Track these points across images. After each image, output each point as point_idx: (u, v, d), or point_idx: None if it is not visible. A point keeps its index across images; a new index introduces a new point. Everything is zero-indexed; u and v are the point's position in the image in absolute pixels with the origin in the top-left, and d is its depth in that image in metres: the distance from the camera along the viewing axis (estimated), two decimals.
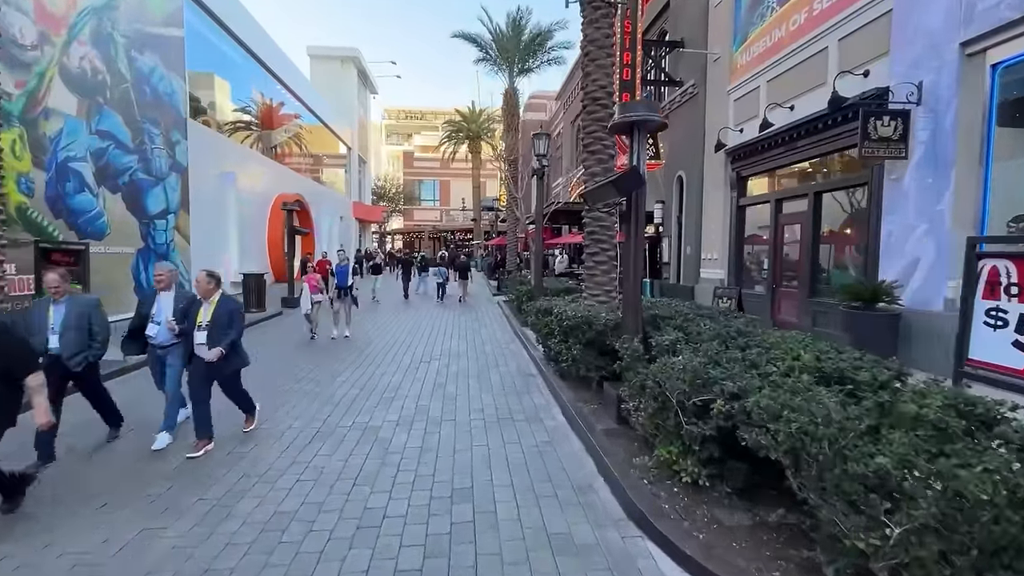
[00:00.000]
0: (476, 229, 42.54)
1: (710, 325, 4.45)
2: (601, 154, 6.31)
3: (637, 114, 4.63)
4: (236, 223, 16.53)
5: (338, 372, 7.14)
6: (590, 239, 6.46)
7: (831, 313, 8.42)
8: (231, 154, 16.48)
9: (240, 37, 17.20)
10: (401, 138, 65.35)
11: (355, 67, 35.13)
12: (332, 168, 32.44)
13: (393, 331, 10.65)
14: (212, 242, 14.65)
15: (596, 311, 5.60)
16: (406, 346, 9.09)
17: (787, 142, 9.55)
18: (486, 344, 9.30)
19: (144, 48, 11.47)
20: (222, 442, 4.63)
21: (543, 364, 7.18)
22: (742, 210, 11.61)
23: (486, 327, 11.25)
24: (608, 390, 5.09)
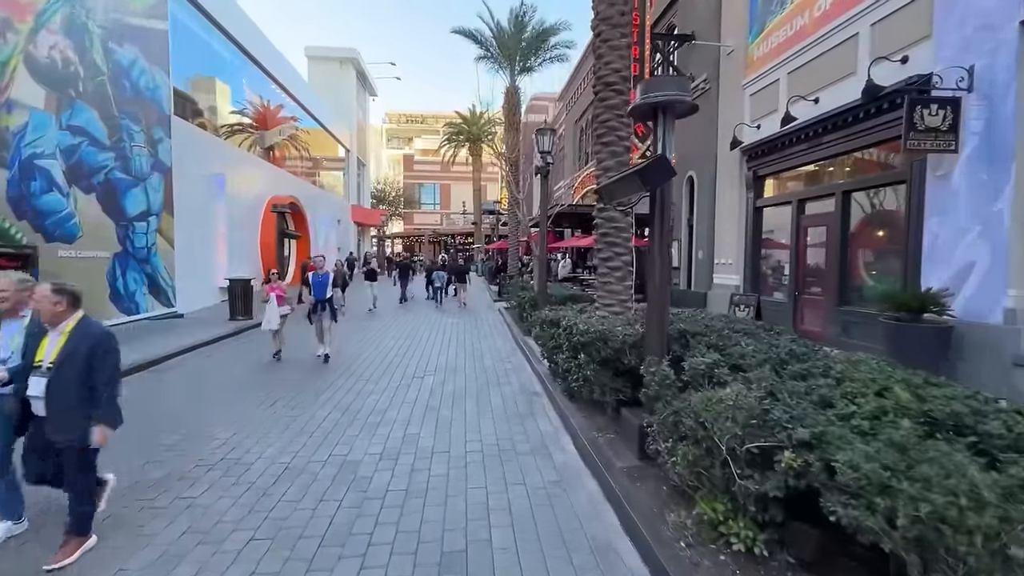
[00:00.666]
0: (477, 233, 41.86)
1: (753, 345, 3.70)
2: (615, 146, 5.60)
3: (663, 94, 3.91)
4: (226, 226, 15.83)
5: (320, 391, 6.40)
6: (603, 242, 5.73)
7: (865, 324, 7.68)
8: (220, 154, 15.81)
9: (230, 32, 16.55)
10: (402, 142, 65.02)
11: (354, 68, 34.58)
12: (330, 171, 31.80)
13: (386, 342, 9.92)
14: (198, 246, 13.95)
15: (611, 324, 4.86)
16: (399, 359, 8.35)
17: (811, 138, 8.83)
18: (486, 357, 8.56)
19: (123, 40, 10.80)
20: (171, 480, 3.90)
21: (549, 381, 6.44)
22: (759, 212, 10.88)
23: (486, 337, 10.51)
24: (627, 418, 4.34)
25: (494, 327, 11.92)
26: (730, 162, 11.58)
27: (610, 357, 4.65)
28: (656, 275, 4.17)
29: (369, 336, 10.53)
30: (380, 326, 11.94)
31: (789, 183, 10.13)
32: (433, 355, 8.66)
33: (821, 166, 9.12)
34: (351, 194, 34.92)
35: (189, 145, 13.63)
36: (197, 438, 4.79)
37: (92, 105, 9.80)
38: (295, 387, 6.58)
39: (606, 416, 4.94)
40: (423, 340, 10.09)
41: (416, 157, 58.32)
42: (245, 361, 8.22)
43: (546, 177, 9.33)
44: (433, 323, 12.51)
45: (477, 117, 42.21)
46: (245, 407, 5.73)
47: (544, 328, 6.49)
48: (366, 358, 8.35)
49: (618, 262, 5.64)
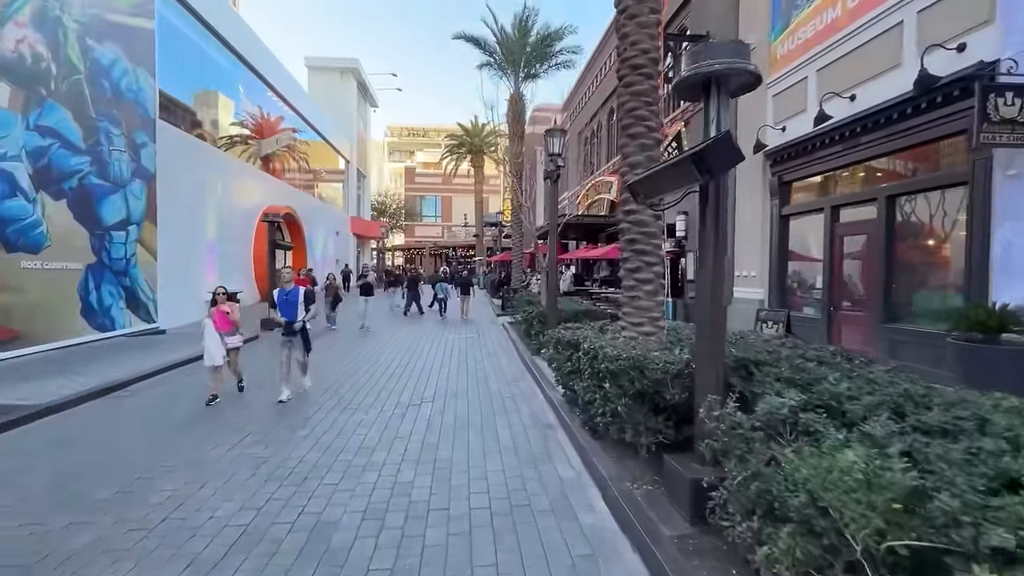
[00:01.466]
0: (478, 245, 41.16)
1: (845, 382, 2.83)
2: (644, 138, 4.79)
3: (719, 62, 3.12)
4: (216, 237, 15.06)
5: (298, 425, 5.52)
6: (629, 250, 4.90)
7: (919, 344, 6.81)
8: (212, 162, 15.10)
9: (223, 35, 15.96)
10: (404, 155, 64.95)
11: (355, 79, 34.18)
12: (329, 182, 31.19)
13: (381, 361, 9.05)
14: (184, 257, 13.15)
15: (645, 349, 4.01)
16: (393, 382, 7.48)
17: (847, 138, 8.06)
18: (490, 379, 7.68)
19: (104, 38, 10.13)
20: (94, 552, 3.02)
21: (565, 411, 5.56)
22: (785, 220, 10.07)
23: (491, 356, 9.64)
24: (673, 468, 3.46)
25: (499, 344, 11.05)
26: (751, 168, 10.81)
27: (647, 390, 3.79)
28: (709, 289, 3.35)
29: (362, 355, 9.66)
30: (375, 343, 11.07)
31: (821, 188, 9.33)
32: (432, 376, 7.79)
33: (860, 169, 8.32)
34: (350, 206, 34.28)
35: (177, 151, 12.92)
36: (140, 490, 3.92)
37: (65, 105, 9.07)
38: (271, 419, 5.71)
39: (639, 459, 4.06)
40: (421, 359, 9.22)
41: (418, 169, 58.01)
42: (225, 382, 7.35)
43: (555, 182, 8.56)
44: (433, 339, 11.64)
45: (479, 129, 41.84)
46: (208, 445, 4.85)
47: (559, 350, 5.63)
48: (356, 381, 7.48)
49: (648, 273, 4.80)
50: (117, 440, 5.05)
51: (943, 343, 6.25)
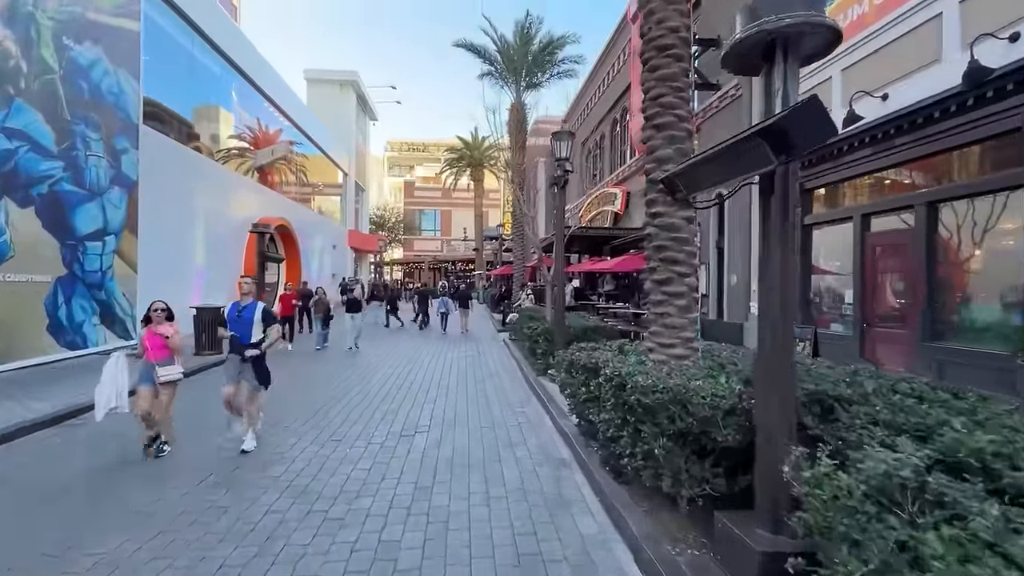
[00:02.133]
0: (478, 259, 40.57)
1: (981, 432, 2.11)
2: (674, 129, 4.14)
3: (791, 16, 2.46)
4: (204, 250, 14.38)
5: (274, 460, 4.77)
6: (657, 259, 4.21)
7: (973, 365, 6.10)
8: (200, 170, 14.48)
9: (216, 42, 15.48)
10: (404, 170, 65.00)
11: (354, 92, 33.89)
12: (327, 195, 30.67)
13: (374, 381, 8.32)
14: (169, 271, 12.44)
15: (685, 378, 3.29)
16: (387, 404, 6.74)
17: (879, 140, 7.43)
18: (493, 404, 6.93)
19: (83, 37, 9.56)
20: None
21: (579, 444, 4.82)
22: (807, 230, 9.43)
23: (492, 376, 8.90)
24: (731, 533, 2.72)
25: (500, 363, 10.30)
26: None
27: (690, 429, 3.07)
28: (777, 301, 2.65)
29: (353, 375, 8.91)
30: (368, 363, 10.32)
31: (848, 195, 8.70)
32: (428, 400, 7.05)
33: (894, 173, 7.69)
34: (348, 219, 33.71)
35: (162, 159, 12.31)
36: (68, 552, 3.16)
37: (36, 106, 8.46)
38: (238, 456, 4.94)
39: (679, 514, 3.31)
40: (418, 379, 8.48)
41: (417, 183, 57.76)
42: (191, 412, 6.59)
43: (562, 188, 7.92)
44: (431, 357, 10.89)
45: (479, 142, 41.56)
46: (159, 489, 4.09)
47: (573, 373, 4.91)
48: (344, 406, 6.73)
49: (679, 286, 4.11)
50: (53, 481, 4.29)
51: (1006, 365, 5.56)
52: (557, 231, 7.93)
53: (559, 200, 7.94)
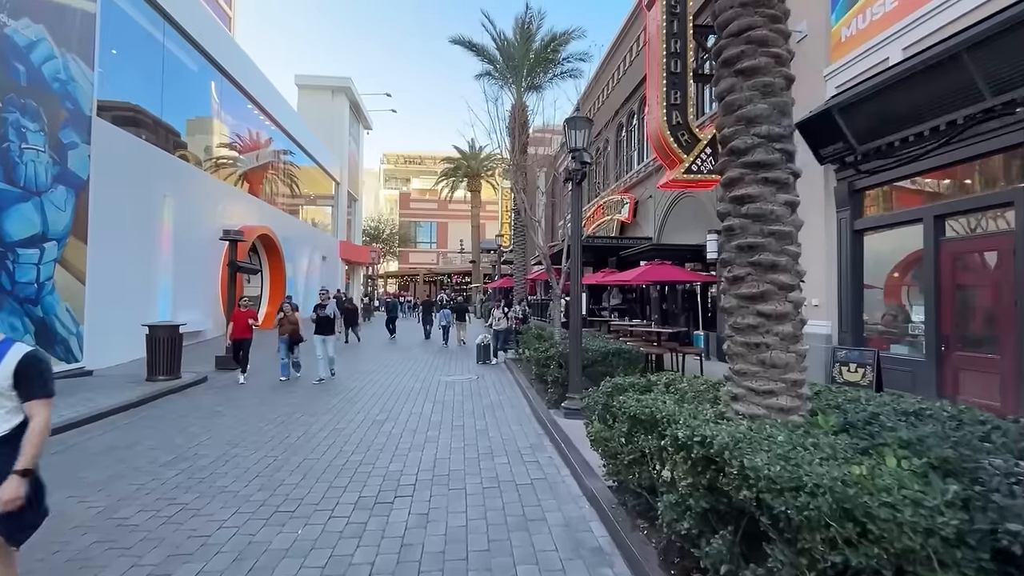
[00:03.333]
0: (475, 272, 39.27)
1: None
2: (769, 74, 2.82)
3: None
4: (175, 261, 12.98)
5: (188, 552, 3.34)
6: (745, 264, 2.85)
7: None
8: (169, 171, 13.14)
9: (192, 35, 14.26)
10: (400, 182, 64.25)
11: (347, 99, 32.83)
12: (317, 204, 29.39)
13: (348, 419, 6.92)
14: (126, 283, 11.03)
15: (840, 464, 1.92)
16: (360, 454, 5.34)
17: (958, 125, 6.19)
18: (496, 451, 5.53)
19: (22, 14, 8.28)
20: None
21: (619, 519, 3.46)
22: (859, 236, 8.15)
23: (493, 409, 7.50)
24: None
25: (502, 391, 8.89)
26: (808, 176, 8.95)
27: (870, 569, 1.69)
28: None
29: (322, 408, 7.50)
30: (345, 391, 8.91)
31: (915, 194, 7.43)
32: (414, 446, 5.64)
33: (977, 166, 6.43)
34: (340, 230, 32.39)
35: (122, 157, 10.98)
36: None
37: None
38: (131, 532, 3.51)
39: None
40: (403, 414, 7.08)
41: (413, 195, 56.71)
42: (128, 454, 5.16)
43: (579, 184, 6.63)
44: (422, 382, 9.48)
45: (476, 153, 40.52)
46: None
47: (611, 423, 3.55)
48: (307, 455, 5.32)
49: (781, 303, 2.76)
50: None
51: None
52: (574, 236, 6.60)
53: (576, 200, 6.64)
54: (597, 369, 7.00)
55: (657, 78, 10.44)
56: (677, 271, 9.17)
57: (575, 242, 6.63)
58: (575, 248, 6.56)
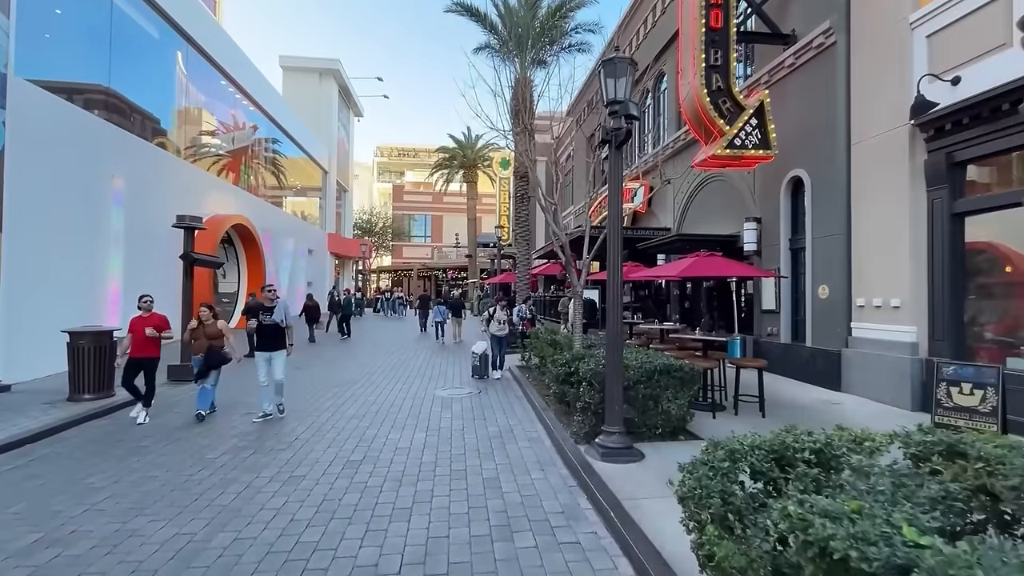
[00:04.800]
0: (471, 266, 37.52)
1: None
2: None
3: None
4: (123, 252, 11.21)
5: None
6: None
7: None
8: (118, 148, 11.33)
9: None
10: (394, 176, 62.61)
11: (336, 83, 30.90)
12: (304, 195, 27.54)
13: (308, 463, 5.27)
14: (59, 280, 9.28)
15: None
16: (320, 525, 3.71)
17: None
18: (515, 520, 3.89)
19: None
20: None
21: None
22: (958, 220, 6.54)
23: (502, 440, 5.86)
24: None
25: (512, 412, 7.24)
26: (882, 149, 7.35)
27: None
28: None
29: (285, 443, 5.84)
30: (314, 415, 7.25)
31: None
32: (399, 509, 4.00)
33: None
34: (328, 222, 30.56)
35: (51, 126, 9.19)
36: None
37: None
38: None
39: None
40: (386, 454, 5.42)
41: (407, 187, 54.86)
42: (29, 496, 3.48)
43: (619, 148, 4.98)
44: (411, 400, 7.83)
45: (472, 142, 38.68)
46: None
47: (741, 525, 1.89)
48: (244, 528, 3.67)
49: None
50: None
51: None
52: (612, 218, 4.94)
53: (615, 166, 4.98)
54: (640, 392, 5.36)
55: (694, 34, 8.77)
56: (733, 264, 7.57)
57: (614, 225, 4.96)
58: (614, 233, 4.89)
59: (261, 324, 6.54)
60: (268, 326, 6.55)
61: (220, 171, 17.44)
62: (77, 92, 10.41)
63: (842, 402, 7.31)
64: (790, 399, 7.43)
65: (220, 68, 16.86)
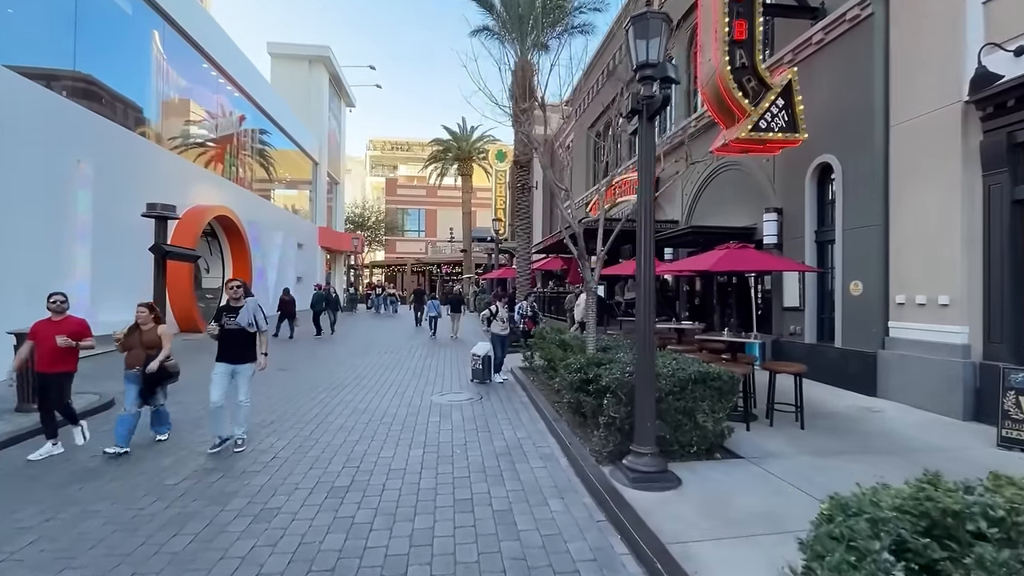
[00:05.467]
0: (466, 261, 36.69)
1: None
2: None
3: None
4: (90, 245, 10.34)
5: None
6: None
7: None
8: (85, 130, 10.44)
9: None
10: (387, 170, 61.65)
11: (326, 71, 29.87)
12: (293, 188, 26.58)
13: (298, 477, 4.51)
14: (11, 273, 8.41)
15: None
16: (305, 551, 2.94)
17: None
18: (529, 549, 3.22)
19: None
20: None
21: None
22: (1020, 208, 5.85)
23: (514, 463, 5.12)
24: None
25: (520, 423, 6.50)
26: (928, 131, 6.64)
27: None
28: None
29: (260, 462, 5.08)
30: (302, 424, 6.48)
31: None
32: (394, 556, 3.26)
33: None
34: (320, 215, 29.61)
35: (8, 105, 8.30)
36: None
37: None
38: None
39: None
40: (379, 474, 4.68)
41: (400, 181, 53.87)
42: None
43: (651, 119, 4.23)
44: (407, 406, 7.08)
45: (467, 134, 37.76)
46: None
47: None
48: None
49: None
50: None
51: None
52: (643, 201, 4.18)
53: (646, 140, 4.22)
54: (672, 404, 4.63)
55: (716, 8, 8.01)
56: (770, 258, 6.89)
57: (645, 210, 4.22)
58: (645, 219, 4.15)
59: (224, 329, 5.17)
60: (232, 332, 5.16)
61: (203, 160, 16.51)
62: (40, 78, 9.49)
63: (882, 410, 6.63)
64: (824, 406, 6.75)
65: (202, 50, 15.90)
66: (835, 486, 2.13)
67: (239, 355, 5.23)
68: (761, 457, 4.78)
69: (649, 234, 4.30)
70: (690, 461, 4.66)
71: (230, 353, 5.21)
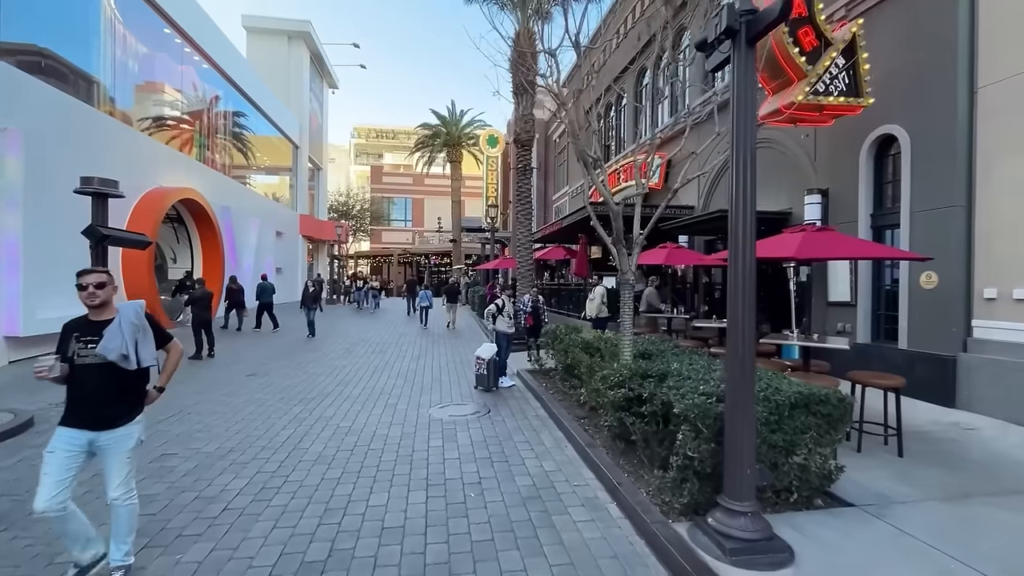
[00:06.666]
0: (455, 252, 35.26)
1: None
2: None
3: None
4: (21, 229, 8.79)
5: None
6: None
7: None
8: (14, 94, 8.83)
9: None
10: (372, 158, 59.76)
11: (307, 48, 28.01)
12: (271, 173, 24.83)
13: (257, 540, 3.24)
14: None
15: None
16: None
17: None
18: None
19: None
20: None
21: None
22: None
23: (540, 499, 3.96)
24: None
25: (542, 450, 5.25)
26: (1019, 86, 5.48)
27: None
28: None
29: (211, 514, 3.77)
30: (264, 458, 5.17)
31: None
32: None
33: None
34: (301, 203, 27.88)
35: None
36: None
37: None
38: None
39: None
40: (366, 536, 3.43)
41: (385, 169, 52.01)
42: None
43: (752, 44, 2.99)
44: (400, 424, 5.80)
45: (456, 118, 36.14)
46: None
47: None
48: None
49: None
50: None
51: None
52: (741, 152, 2.93)
53: (743, 73, 2.95)
54: (766, 439, 3.42)
55: None
56: (865, 244, 5.69)
57: (744, 176, 2.98)
58: (743, 183, 2.93)
59: (75, 366, 2.69)
60: (91, 369, 2.70)
61: (167, 137, 14.84)
62: None
63: (976, 427, 5.53)
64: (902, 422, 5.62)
65: (165, 15, 14.18)
66: (1007, 554, 0.98)
67: (108, 413, 2.75)
68: (878, 504, 3.60)
69: (749, 210, 3.05)
70: (786, 512, 3.48)
71: (89, 409, 2.72)
